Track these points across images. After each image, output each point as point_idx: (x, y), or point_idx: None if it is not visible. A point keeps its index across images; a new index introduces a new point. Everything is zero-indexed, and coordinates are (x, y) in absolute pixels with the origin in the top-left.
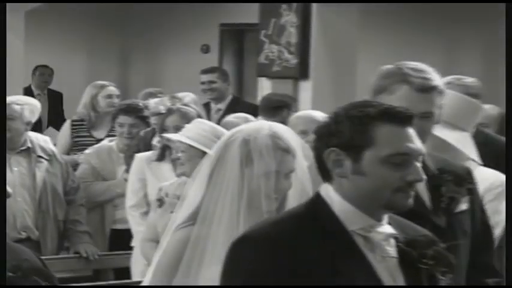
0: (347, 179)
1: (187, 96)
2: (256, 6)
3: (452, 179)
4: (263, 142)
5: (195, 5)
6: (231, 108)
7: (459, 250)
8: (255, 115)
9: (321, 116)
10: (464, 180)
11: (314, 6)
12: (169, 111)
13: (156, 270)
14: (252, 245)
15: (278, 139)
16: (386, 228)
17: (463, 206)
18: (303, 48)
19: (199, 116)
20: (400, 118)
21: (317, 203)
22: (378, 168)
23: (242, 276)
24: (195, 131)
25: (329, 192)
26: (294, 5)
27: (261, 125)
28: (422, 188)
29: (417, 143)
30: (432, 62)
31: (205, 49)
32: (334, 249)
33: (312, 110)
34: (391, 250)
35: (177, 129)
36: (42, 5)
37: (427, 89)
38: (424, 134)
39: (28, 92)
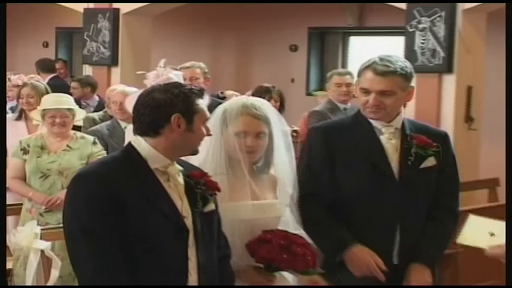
0: (163, 136)
1: (36, 77)
2: (81, 14)
3: (419, 144)
4: (235, 110)
5: (36, 11)
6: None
7: (422, 201)
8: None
9: (129, 89)
10: (430, 145)
11: (121, 15)
12: (24, 84)
13: None
14: (84, 180)
15: (248, 108)
16: (176, 166)
17: (429, 162)
18: (113, 45)
19: (46, 89)
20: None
21: (130, 149)
22: (201, 127)
23: (80, 202)
24: (64, 99)
25: (140, 143)
26: (107, 14)
27: (240, 99)
28: (392, 147)
29: None
30: (201, 57)
31: (46, 45)
32: (142, 181)
33: (121, 85)
34: (180, 180)
35: (29, 97)
36: None
37: (384, 73)
38: (383, 107)
39: None
